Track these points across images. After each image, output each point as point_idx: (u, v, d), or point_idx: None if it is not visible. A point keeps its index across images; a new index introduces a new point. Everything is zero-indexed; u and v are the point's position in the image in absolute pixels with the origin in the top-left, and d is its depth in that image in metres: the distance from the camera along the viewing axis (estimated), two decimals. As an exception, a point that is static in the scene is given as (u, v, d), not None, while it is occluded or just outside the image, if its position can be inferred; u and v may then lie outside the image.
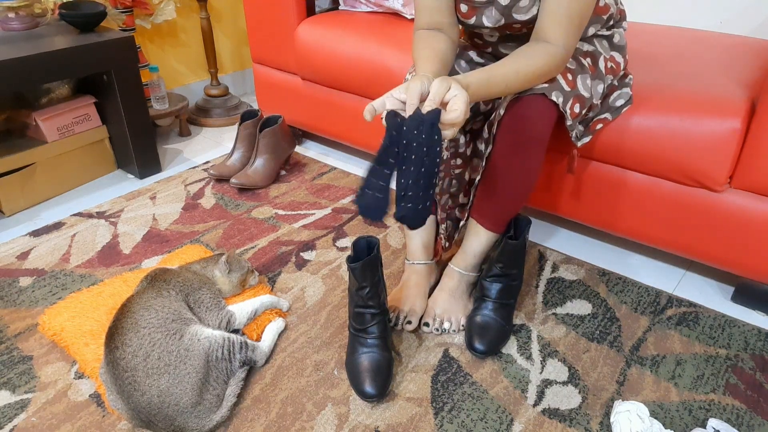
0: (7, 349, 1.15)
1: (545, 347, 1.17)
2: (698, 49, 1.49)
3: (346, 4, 1.93)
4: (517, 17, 1.05)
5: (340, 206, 1.67)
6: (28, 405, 1.03)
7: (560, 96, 1.03)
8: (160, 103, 2.04)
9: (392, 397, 1.05)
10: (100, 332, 1.12)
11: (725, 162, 1.15)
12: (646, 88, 1.26)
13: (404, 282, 1.27)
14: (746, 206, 1.18)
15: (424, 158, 0.83)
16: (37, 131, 1.66)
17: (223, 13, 2.42)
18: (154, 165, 1.84)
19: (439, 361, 1.13)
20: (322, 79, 1.75)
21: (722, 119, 1.13)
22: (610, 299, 1.30)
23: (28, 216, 1.63)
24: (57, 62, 1.51)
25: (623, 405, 0.98)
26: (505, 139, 1.07)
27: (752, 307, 1.30)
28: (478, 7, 1.07)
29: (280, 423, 1.00)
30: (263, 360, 1.10)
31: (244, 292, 1.25)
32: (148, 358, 0.95)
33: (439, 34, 1.08)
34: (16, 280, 1.34)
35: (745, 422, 1.01)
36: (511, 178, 1.09)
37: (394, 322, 1.20)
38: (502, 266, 1.17)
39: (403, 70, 1.53)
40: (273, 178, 1.80)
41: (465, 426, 1.00)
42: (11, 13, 1.65)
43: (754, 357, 1.15)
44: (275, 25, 1.81)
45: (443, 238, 1.30)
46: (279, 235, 1.52)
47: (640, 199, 1.30)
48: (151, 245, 1.48)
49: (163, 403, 0.93)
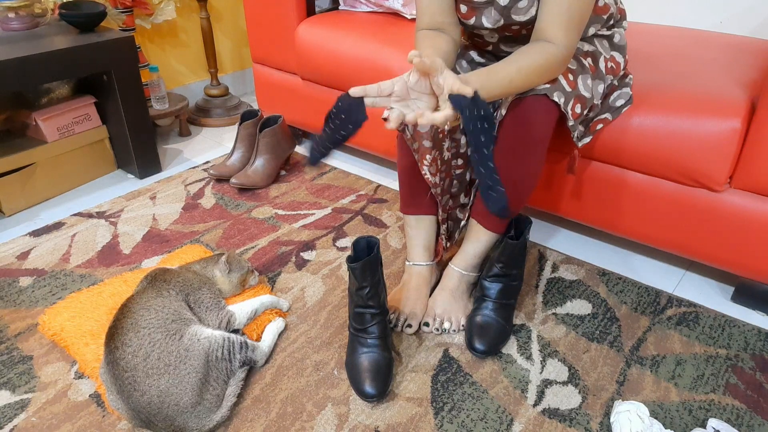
0: (7, 349, 1.15)
1: (545, 347, 1.17)
2: (698, 49, 1.49)
3: (346, 4, 1.93)
4: (516, 18, 1.05)
5: (340, 206, 1.67)
6: (28, 405, 1.03)
7: (562, 96, 1.03)
8: (160, 103, 2.04)
9: (392, 397, 1.05)
10: (100, 332, 1.12)
11: (725, 162, 1.15)
12: (646, 88, 1.26)
13: (404, 283, 1.27)
14: (746, 206, 1.18)
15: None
16: (37, 131, 1.66)
17: (223, 13, 2.42)
18: (154, 165, 1.84)
19: (439, 361, 1.13)
20: (322, 79, 1.75)
21: (722, 119, 1.13)
22: (610, 299, 1.30)
23: (28, 216, 1.63)
24: (57, 62, 1.51)
25: (623, 405, 0.98)
26: (507, 139, 1.07)
27: (752, 307, 1.30)
28: (478, 8, 1.07)
29: (280, 423, 1.00)
30: (263, 360, 1.10)
31: (244, 292, 1.25)
32: (148, 358, 0.95)
33: (441, 34, 1.08)
34: (16, 280, 1.34)
35: (745, 422, 1.01)
36: (513, 178, 1.09)
37: (394, 323, 1.20)
38: (503, 266, 1.17)
39: (402, 70, 1.53)
40: (273, 178, 1.80)
41: (465, 426, 1.00)
42: (11, 13, 1.65)
43: (754, 357, 1.15)
44: (275, 25, 1.81)
45: (444, 238, 1.30)
46: (279, 235, 1.52)
47: (640, 199, 1.30)
48: (151, 245, 1.48)
49: (163, 403, 0.93)
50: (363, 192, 1.74)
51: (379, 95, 0.90)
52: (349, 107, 0.88)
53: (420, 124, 0.86)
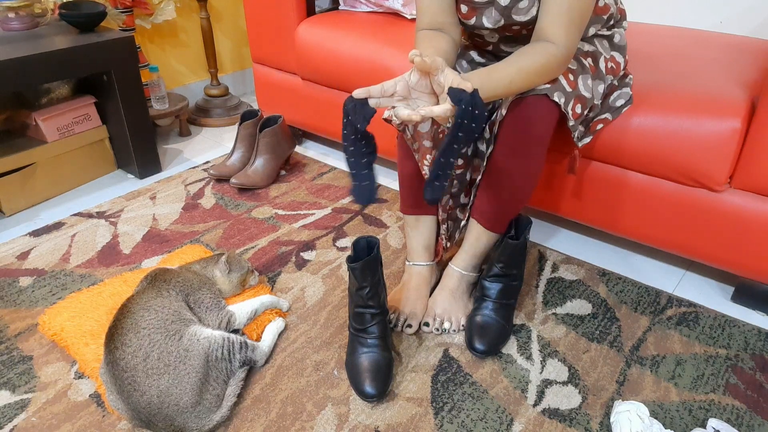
0: (7, 349, 1.15)
1: (545, 347, 1.17)
2: (698, 49, 1.49)
3: (346, 4, 1.93)
4: (517, 18, 1.05)
5: (340, 206, 1.67)
6: (28, 405, 1.03)
7: (562, 96, 1.03)
8: (160, 103, 2.04)
9: (392, 397, 1.05)
10: (100, 332, 1.12)
11: (725, 162, 1.15)
12: (646, 88, 1.26)
13: (404, 283, 1.27)
14: (746, 206, 1.18)
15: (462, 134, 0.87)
16: (37, 131, 1.66)
17: (223, 13, 2.42)
18: (154, 165, 1.84)
19: (439, 361, 1.13)
20: (322, 79, 1.75)
21: (722, 119, 1.13)
22: (610, 299, 1.30)
23: (28, 216, 1.63)
24: (57, 62, 1.51)
25: (623, 405, 0.98)
26: (507, 139, 1.07)
27: (752, 307, 1.30)
28: (478, 8, 1.07)
29: (280, 423, 1.00)
30: (263, 360, 1.10)
31: (244, 292, 1.25)
32: (148, 359, 0.94)
33: (441, 34, 1.08)
34: (16, 280, 1.34)
35: (745, 422, 1.01)
36: (513, 178, 1.09)
37: (394, 323, 1.20)
38: (503, 266, 1.17)
39: (402, 70, 1.53)
40: (273, 178, 1.80)
41: (465, 426, 1.00)
42: (11, 13, 1.65)
43: (754, 357, 1.15)
44: (275, 25, 1.81)
45: (444, 238, 1.30)
46: (279, 235, 1.52)
47: (640, 199, 1.30)
48: (151, 245, 1.48)
49: (162, 403, 0.93)
50: (363, 192, 1.74)
51: (383, 95, 0.90)
52: (354, 108, 0.89)
53: (420, 119, 0.85)
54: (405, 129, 1.16)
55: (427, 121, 1.11)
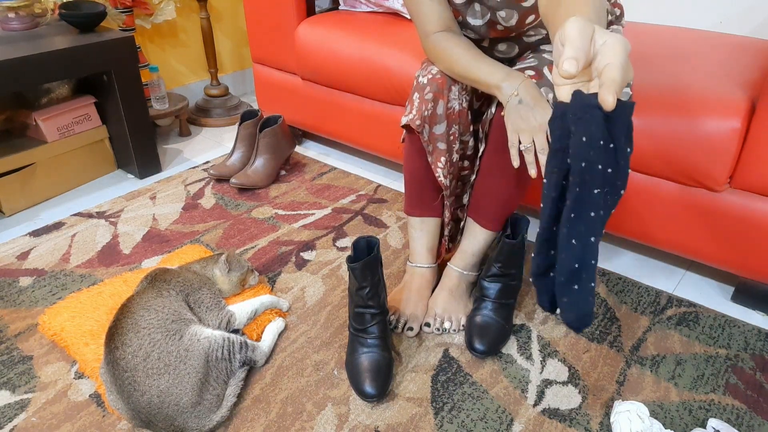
0: (7, 349, 1.15)
1: (545, 347, 1.17)
2: (698, 49, 1.49)
3: (346, 4, 1.93)
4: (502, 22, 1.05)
5: (340, 206, 1.67)
6: (28, 405, 1.03)
7: (549, 92, 1.02)
8: (160, 103, 2.04)
9: (392, 397, 1.05)
10: (100, 332, 1.12)
11: (725, 162, 1.15)
12: (646, 88, 1.26)
13: (406, 284, 1.26)
14: (746, 206, 1.18)
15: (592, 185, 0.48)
16: (37, 131, 1.66)
17: (223, 13, 2.42)
18: (154, 165, 1.84)
19: (439, 361, 1.13)
20: (322, 79, 1.75)
21: (722, 119, 1.13)
22: (610, 299, 1.30)
23: (28, 216, 1.63)
24: (57, 62, 1.51)
25: (623, 405, 0.98)
26: (497, 137, 1.07)
27: (752, 307, 1.30)
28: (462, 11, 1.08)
29: (280, 423, 1.00)
30: (263, 360, 1.10)
31: (244, 292, 1.25)
32: (148, 359, 0.95)
33: (460, 35, 1.08)
34: (16, 280, 1.34)
35: (745, 422, 1.01)
36: (505, 176, 1.09)
37: (394, 325, 1.20)
38: (501, 266, 1.16)
39: (402, 70, 1.53)
40: (273, 178, 1.79)
41: (465, 426, 1.00)
42: (11, 13, 1.65)
43: (754, 357, 1.15)
44: (275, 25, 1.81)
45: (447, 240, 1.29)
46: (279, 235, 1.52)
47: (640, 199, 1.30)
48: (151, 245, 1.48)
49: (163, 403, 0.93)
50: (363, 192, 1.74)
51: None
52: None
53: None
54: (422, 131, 1.14)
55: (443, 122, 1.10)
